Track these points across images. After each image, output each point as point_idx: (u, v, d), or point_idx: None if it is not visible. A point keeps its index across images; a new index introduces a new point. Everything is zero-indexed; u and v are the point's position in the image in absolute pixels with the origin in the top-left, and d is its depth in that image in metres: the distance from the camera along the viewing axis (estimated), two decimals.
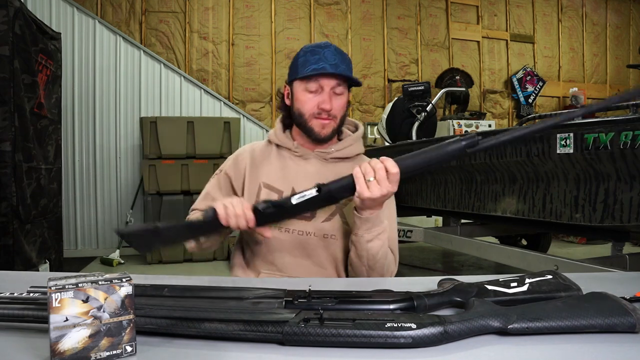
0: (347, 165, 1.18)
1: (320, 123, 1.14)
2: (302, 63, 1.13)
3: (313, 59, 1.11)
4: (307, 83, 1.13)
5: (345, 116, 1.20)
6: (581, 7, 6.92)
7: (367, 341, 0.54)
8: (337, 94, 1.14)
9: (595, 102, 6.62)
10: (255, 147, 1.26)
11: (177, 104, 4.98)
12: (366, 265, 1.08)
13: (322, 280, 1.05)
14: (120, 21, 5.06)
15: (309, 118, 1.14)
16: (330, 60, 1.11)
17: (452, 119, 5.46)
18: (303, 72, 1.12)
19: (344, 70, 1.13)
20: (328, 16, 5.80)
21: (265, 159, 1.22)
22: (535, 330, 0.56)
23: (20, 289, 0.66)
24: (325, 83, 1.12)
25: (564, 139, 1.97)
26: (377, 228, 1.03)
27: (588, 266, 2.06)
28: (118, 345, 0.52)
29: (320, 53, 1.12)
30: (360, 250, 1.06)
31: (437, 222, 4.83)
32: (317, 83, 1.12)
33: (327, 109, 1.12)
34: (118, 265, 4.28)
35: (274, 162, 1.21)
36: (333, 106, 1.13)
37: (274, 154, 1.22)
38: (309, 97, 1.13)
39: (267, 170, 1.19)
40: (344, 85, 1.15)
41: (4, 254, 2.72)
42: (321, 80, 1.12)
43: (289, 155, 1.21)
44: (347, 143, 1.21)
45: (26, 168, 2.89)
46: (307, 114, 1.14)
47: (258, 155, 1.23)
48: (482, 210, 2.65)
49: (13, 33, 2.73)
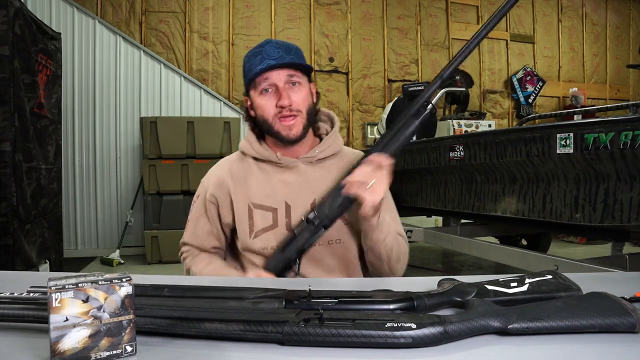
0: (334, 163, 1.15)
1: (286, 125, 1.06)
2: (248, 69, 1.08)
3: (256, 61, 1.06)
4: (259, 86, 1.07)
5: (313, 109, 1.12)
6: (581, 7, 6.92)
7: (367, 341, 0.54)
8: (294, 86, 1.07)
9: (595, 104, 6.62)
10: (231, 164, 1.17)
11: (177, 104, 4.98)
12: (386, 261, 1.07)
13: (322, 280, 1.04)
14: (120, 21, 5.06)
15: (272, 122, 1.07)
16: (273, 55, 1.05)
17: (452, 119, 5.46)
18: (252, 76, 1.07)
19: (291, 59, 1.06)
20: (328, 16, 5.80)
21: (248, 176, 1.13)
22: (535, 330, 0.56)
23: (20, 289, 0.66)
24: (276, 79, 1.05)
25: (564, 139, 1.97)
26: (384, 226, 1.02)
27: (588, 266, 2.06)
28: (118, 345, 0.52)
29: (261, 52, 1.06)
30: (379, 251, 1.05)
31: (437, 222, 4.84)
32: (268, 82, 1.06)
33: (286, 104, 1.05)
34: (118, 265, 4.28)
35: (257, 178, 1.12)
36: (292, 100, 1.06)
37: (254, 169, 1.14)
38: (265, 99, 1.07)
39: (253, 189, 1.11)
40: (299, 75, 1.08)
41: (4, 254, 2.72)
42: (270, 77, 1.05)
43: (271, 168, 1.13)
44: (329, 142, 1.15)
45: (26, 168, 2.89)
46: (270, 118, 1.07)
47: (237, 173, 1.14)
48: (482, 210, 2.65)
49: (13, 33, 2.73)
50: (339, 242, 1.11)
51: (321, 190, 1.08)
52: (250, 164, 1.15)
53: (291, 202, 1.09)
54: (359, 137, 5.94)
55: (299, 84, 1.08)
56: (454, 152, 2.65)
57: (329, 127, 1.20)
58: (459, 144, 2.64)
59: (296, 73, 1.07)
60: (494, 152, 2.39)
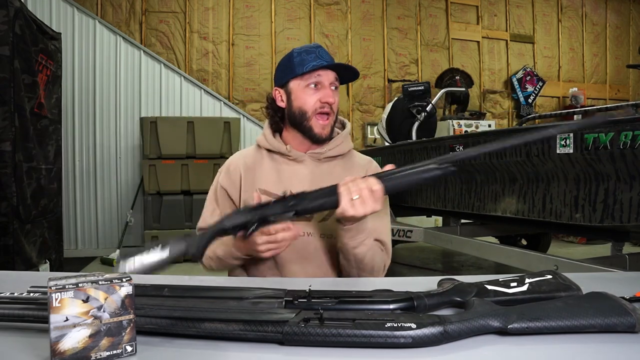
0: (340, 163, 1.21)
1: (322, 123, 1.15)
2: (299, 62, 1.14)
3: (310, 57, 1.13)
4: (307, 79, 1.14)
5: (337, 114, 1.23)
6: (581, 7, 6.92)
7: (367, 341, 0.54)
8: (335, 90, 1.17)
9: (594, 107, 6.61)
10: (246, 154, 1.26)
11: (177, 104, 4.98)
12: (355, 267, 1.09)
13: (322, 280, 1.05)
14: (120, 21, 5.06)
15: (311, 115, 1.15)
16: (326, 58, 1.15)
17: (452, 119, 5.46)
18: (303, 70, 1.13)
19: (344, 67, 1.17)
20: (328, 16, 5.80)
21: (258, 166, 1.22)
22: (535, 330, 0.56)
23: (21, 289, 0.66)
24: (326, 78, 1.14)
25: (564, 139, 1.97)
26: (360, 235, 1.03)
27: (588, 266, 2.06)
28: (118, 345, 0.52)
29: (315, 52, 1.14)
30: (347, 256, 1.07)
31: (437, 222, 4.83)
32: (318, 79, 1.14)
33: (331, 102, 1.14)
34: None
35: (267, 167, 1.21)
36: (335, 100, 1.15)
37: (266, 159, 1.22)
38: (310, 93, 1.14)
39: (262, 176, 1.20)
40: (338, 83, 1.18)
41: (4, 254, 2.72)
42: (322, 75, 1.14)
43: (282, 159, 1.21)
44: (338, 141, 1.22)
45: (26, 168, 2.89)
46: (310, 111, 1.14)
47: (250, 162, 1.23)
48: (482, 210, 2.65)
49: (13, 33, 2.73)
50: (330, 237, 1.14)
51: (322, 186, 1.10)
52: (263, 154, 1.23)
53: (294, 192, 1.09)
54: (359, 137, 5.94)
55: (337, 89, 1.18)
56: (454, 152, 2.65)
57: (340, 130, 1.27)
58: (459, 144, 2.65)
59: (338, 79, 1.18)
60: (494, 152, 2.39)
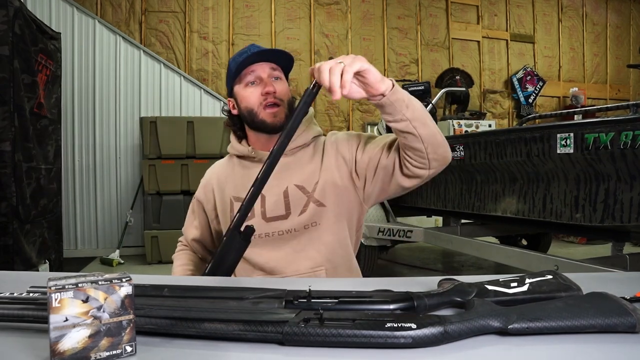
0: (307, 151, 1.20)
1: (270, 112, 1.13)
2: (234, 67, 1.15)
3: (242, 58, 1.13)
4: (244, 79, 1.15)
5: (292, 103, 1.18)
6: (581, 7, 6.92)
7: (367, 341, 0.54)
8: (276, 80, 1.16)
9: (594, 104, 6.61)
10: (219, 166, 1.30)
11: (177, 104, 4.98)
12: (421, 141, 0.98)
13: (322, 280, 1.05)
14: (120, 21, 5.06)
15: (258, 110, 1.14)
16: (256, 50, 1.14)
17: (452, 119, 5.46)
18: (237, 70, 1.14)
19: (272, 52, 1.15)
20: (328, 16, 5.80)
21: (230, 175, 1.24)
22: (536, 330, 0.56)
23: (20, 289, 0.66)
24: (261, 71, 1.14)
25: (564, 139, 1.97)
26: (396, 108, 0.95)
27: (588, 266, 2.06)
28: (118, 345, 0.52)
29: (247, 51, 1.15)
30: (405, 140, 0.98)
31: (437, 222, 4.83)
32: (253, 75, 1.14)
33: (271, 91, 1.12)
34: (118, 265, 4.28)
35: (238, 174, 1.22)
36: (276, 89, 1.14)
37: (237, 167, 1.24)
38: (251, 90, 1.15)
39: (235, 184, 1.21)
40: (279, 70, 1.17)
41: (4, 254, 2.72)
42: (256, 70, 1.14)
43: (250, 163, 1.22)
44: (299, 131, 1.17)
45: (26, 168, 2.89)
46: (256, 106, 1.14)
47: (223, 174, 1.26)
48: (482, 210, 2.65)
49: (13, 33, 2.73)
50: (314, 224, 1.13)
51: (293, 177, 1.15)
52: (234, 162, 1.26)
53: (265, 192, 1.09)
54: None
55: (280, 79, 1.17)
56: (454, 152, 2.65)
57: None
58: (459, 144, 2.64)
59: (277, 68, 1.17)
60: (494, 152, 2.39)
